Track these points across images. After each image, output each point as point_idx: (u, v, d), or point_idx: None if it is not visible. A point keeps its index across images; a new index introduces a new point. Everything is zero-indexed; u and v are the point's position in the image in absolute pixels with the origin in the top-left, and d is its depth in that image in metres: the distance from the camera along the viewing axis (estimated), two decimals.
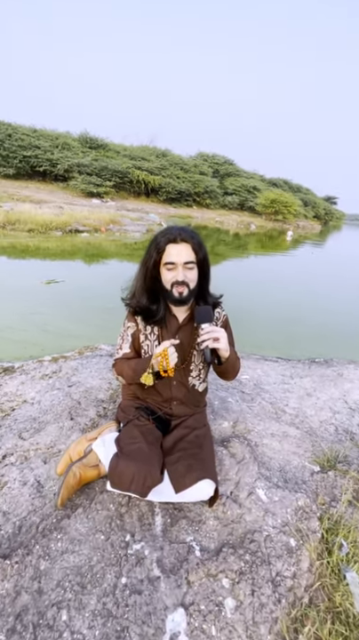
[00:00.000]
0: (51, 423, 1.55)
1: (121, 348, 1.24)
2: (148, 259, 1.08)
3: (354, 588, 1.03)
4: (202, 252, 1.08)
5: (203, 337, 1.04)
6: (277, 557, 0.99)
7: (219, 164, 29.74)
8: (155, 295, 1.14)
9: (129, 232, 10.91)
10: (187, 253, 1.05)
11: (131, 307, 1.19)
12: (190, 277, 1.07)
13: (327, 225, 41.08)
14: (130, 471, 0.98)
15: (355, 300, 6.22)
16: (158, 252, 1.06)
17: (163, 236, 1.05)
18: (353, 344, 3.89)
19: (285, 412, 1.94)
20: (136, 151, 24.79)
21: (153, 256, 1.07)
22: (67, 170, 18.48)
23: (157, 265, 1.08)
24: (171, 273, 1.06)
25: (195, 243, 1.05)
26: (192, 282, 1.08)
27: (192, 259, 1.06)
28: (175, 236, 1.03)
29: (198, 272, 1.10)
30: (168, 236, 1.04)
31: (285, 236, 17.72)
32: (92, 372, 2.10)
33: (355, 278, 8.65)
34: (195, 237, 1.06)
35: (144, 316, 1.17)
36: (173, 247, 1.04)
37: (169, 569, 0.91)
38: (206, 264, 1.12)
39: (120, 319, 1.28)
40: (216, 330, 1.05)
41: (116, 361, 1.24)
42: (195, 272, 1.09)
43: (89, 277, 5.68)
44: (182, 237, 1.03)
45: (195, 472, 1.04)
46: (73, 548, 0.94)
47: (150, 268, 1.09)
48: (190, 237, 1.04)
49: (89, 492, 1.15)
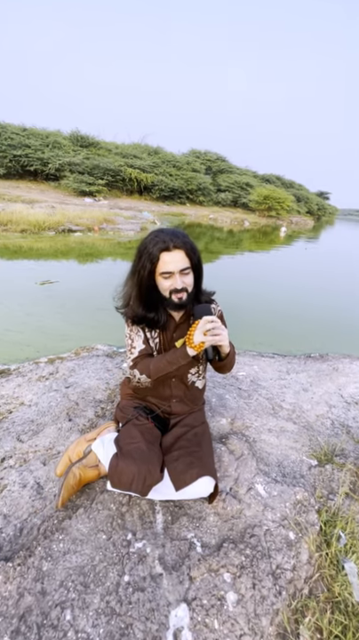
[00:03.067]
0: (49, 425, 1.55)
1: (133, 346, 1.18)
2: (141, 268, 1.05)
3: (352, 578, 1.05)
4: (196, 256, 1.07)
5: (208, 326, 1.04)
6: (277, 551, 1.00)
7: (212, 161, 29.66)
8: (151, 303, 1.11)
9: (123, 231, 10.85)
10: (182, 260, 1.03)
11: (128, 317, 1.16)
12: (188, 282, 1.07)
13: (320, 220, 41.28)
14: (130, 471, 0.99)
15: (348, 294, 6.28)
16: (152, 262, 1.03)
17: (154, 245, 1.01)
18: (348, 338, 3.94)
19: (282, 407, 1.96)
20: (128, 149, 24.60)
21: (147, 266, 1.03)
22: (58, 169, 18.29)
23: (152, 274, 1.06)
24: (169, 281, 1.05)
25: (188, 248, 1.03)
26: (190, 286, 1.08)
27: (187, 264, 1.04)
28: (168, 244, 1.00)
29: (194, 275, 1.10)
30: (160, 244, 1.00)
31: (279, 232, 17.76)
32: (89, 373, 2.10)
33: (347, 273, 8.72)
34: (188, 242, 1.04)
35: (145, 325, 1.16)
36: (167, 255, 1.01)
37: (171, 566, 0.92)
38: (200, 266, 1.11)
39: (115, 318, 1.27)
40: (218, 321, 1.05)
41: (135, 360, 1.17)
42: (192, 276, 1.08)
43: (83, 277, 5.65)
44: (175, 244, 1.00)
45: (194, 469, 1.05)
46: (75, 549, 0.95)
47: (145, 278, 1.06)
48: (183, 243, 1.02)
49: (89, 492, 1.16)
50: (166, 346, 1.21)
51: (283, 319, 4.42)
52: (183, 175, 23.21)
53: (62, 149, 19.97)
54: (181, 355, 1.08)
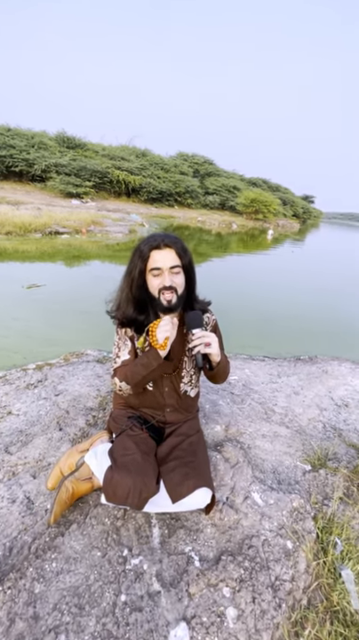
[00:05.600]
0: (38, 435, 1.50)
1: (118, 356, 1.18)
2: (133, 268, 1.07)
3: (349, 585, 1.05)
4: (186, 257, 1.07)
5: (195, 342, 1.03)
6: (275, 561, 0.99)
7: (199, 164, 29.85)
8: (141, 305, 1.11)
9: (111, 233, 10.76)
10: (172, 258, 1.04)
11: (118, 319, 1.16)
12: (177, 282, 1.06)
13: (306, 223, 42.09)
14: (125, 484, 0.96)
15: (335, 296, 6.40)
16: (142, 260, 1.04)
17: (145, 244, 1.04)
18: (335, 340, 4.00)
19: (275, 411, 1.96)
20: (115, 151, 24.47)
21: (137, 265, 1.05)
22: (44, 170, 18.02)
23: (143, 273, 1.07)
24: (158, 279, 1.05)
25: (178, 247, 1.04)
26: (179, 287, 1.07)
27: (177, 263, 1.05)
28: (158, 242, 1.02)
29: (184, 277, 1.09)
30: (151, 242, 1.03)
31: (266, 234, 18.01)
32: (80, 380, 2.05)
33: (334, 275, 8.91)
34: (179, 242, 1.05)
35: (134, 328, 1.15)
36: (157, 253, 1.03)
37: (169, 582, 0.89)
38: (192, 269, 1.12)
39: (106, 322, 1.24)
40: (207, 335, 1.04)
41: (117, 370, 1.17)
42: (182, 277, 1.08)
43: (71, 280, 5.56)
44: (165, 243, 1.02)
45: (191, 480, 1.03)
46: (68, 568, 0.91)
47: (136, 277, 1.07)
48: (173, 242, 1.03)
49: (82, 506, 1.12)
50: None
51: (272, 321, 4.46)
52: (171, 178, 23.26)
53: (48, 150, 19.71)
54: (153, 356, 1.06)
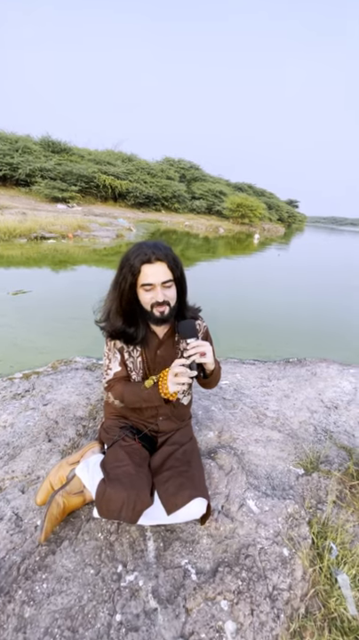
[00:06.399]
0: (26, 447, 1.45)
1: (109, 368, 1.16)
2: (122, 280, 1.03)
3: (345, 591, 1.05)
4: (178, 269, 1.05)
5: (190, 352, 1.02)
6: (272, 570, 0.98)
7: (186, 169, 30.11)
8: (131, 317, 1.09)
9: (98, 237, 10.68)
10: (164, 272, 1.01)
11: (107, 331, 1.13)
12: (170, 296, 1.04)
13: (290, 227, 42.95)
14: (119, 497, 0.93)
15: (321, 298, 6.52)
16: (133, 274, 1.01)
17: (136, 257, 0.99)
18: (323, 342, 4.06)
19: (266, 415, 1.96)
20: (101, 155, 24.42)
21: (128, 278, 1.02)
22: (28, 174, 17.79)
23: (134, 286, 1.04)
24: (150, 294, 1.03)
25: (170, 260, 1.01)
26: (172, 300, 1.06)
27: (169, 277, 1.02)
28: (149, 256, 0.98)
29: (176, 288, 1.08)
30: (141, 256, 0.98)
31: (253, 238, 18.26)
32: (69, 388, 2.00)
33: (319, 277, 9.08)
34: (170, 254, 1.02)
35: (123, 340, 1.13)
36: (149, 268, 1.00)
37: (165, 598, 0.87)
38: (183, 280, 1.10)
39: (94, 329, 1.22)
40: (202, 344, 1.03)
41: (109, 383, 1.16)
42: (174, 289, 1.06)
43: (58, 286, 5.47)
44: (157, 257, 0.99)
45: (186, 491, 1.01)
46: (60, 588, 0.87)
47: (126, 290, 1.04)
48: (164, 256, 1.00)
49: (74, 521, 1.08)
50: (149, 364, 1.17)
51: (261, 324, 4.50)
52: (158, 182, 23.35)
53: (33, 154, 19.50)
54: (156, 397, 1.09)
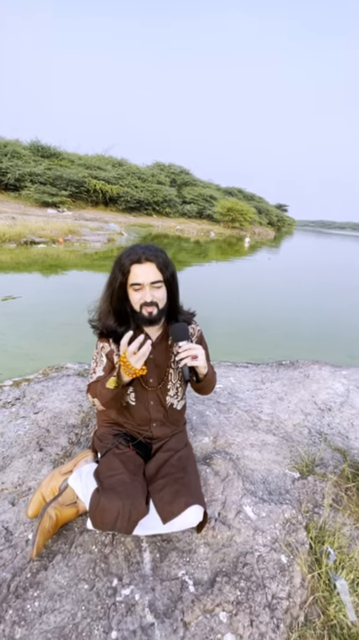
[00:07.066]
0: (17, 457, 1.41)
1: (94, 371, 1.16)
2: (113, 280, 1.05)
3: (344, 596, 1.04)
4: (168, 271, 1.05)
5: (181, 355, 1.00)
6: (271, 578, 0.96)
7: (176, 174, 30.29)
8: (122, 316, 1.10)
9: (89, 242, 10.62)
10: (153, 272, 1.01)
11: (98, 329, 1.14)
12: (158, 296, 1.04)
13: (280, 231, 43.52)
14: (113, 507, 0.90)
15: (311, 300, 6.60)
16: (123, 274, 1.02)
17: (127, 257, 1.01)
18: (315, 344, 4.10)
19: (261, 419, 1.96)
20: (91, 160, 24.38)
21: (118, 277, 1.03)
22: (18, 179, 17.64)
23: (124, 286, 1.05)
24: (139, 294, 1.03)
25: (160, 262, 1.02)
26: (161, 301, 1.05)
27: (159, 278, 1.03)
28: (139, 256, 1.00)
29: (167, 290, 1.07)
30: (132, 256, 1.00)
31: (243, 242, 18.43)
32: (60, 395, 1.96)
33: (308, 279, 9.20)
34: (160, 256, 1.03)
35: (113, 339, 1.12)
36: (138, 267, 1.01)
37: (163, 612, 0.84)
38: (174, 282, 1.09)
39: (85, 333, 1.21)
40: (193, 347, 1.02)
41: (90, 385, 1.16)
42: (164, 290, 1.06)
43: (49, 291, 5.40)
44: (146, 257, 1.00)
45: (182, 498, 0.98)
46: (53, 606, 0.83)
47: (116, 290, 1.05)
48: (155, 257, 1.01)
49: (67, 534, 1.04)
50: None
51: (253, 326, 4.52)
52: (148, 187, 23.43)
53: (22, 159, 19.36)
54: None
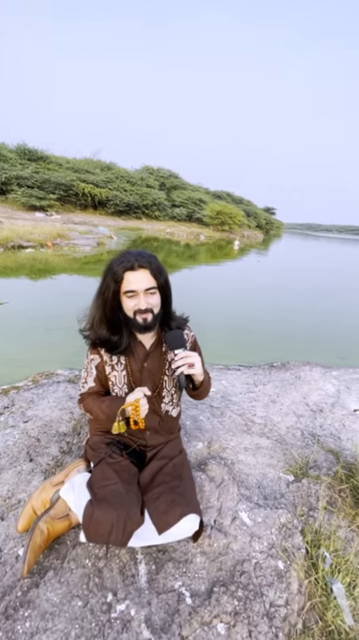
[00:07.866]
0: (6, 469, 1.36)
1: (86, 381, 1.15)
2: (106, 289, 1.03)
3: (341, 600, 1.03)
4: (162, 277, 1.04)
5: (178, 363, 0.99)
6: (268, 586, 0.95)
7: (165, 178, 30.42)
8: (115, 325, 1.07)
9: (78, 246, 10.53)
10: (147, 279, 1.00)
11: (90, 339, 1.11)
12: (153, 303, 1.03)
13: (269, 234, 44.09)
14: (107, 519, 0.87)
15: (300, 302, 6.67)
16: (116, 282, 1.01)
17: (119, 264, 0.99)
18: (305, 345, 4.14)
19: (254, 422, 1.95)
20: (80, 164, 24.27)
21: (111, 286, 1.01)
22: (4, 182, 17.43)
23: (117, 294, 1.03)
24: (133, 301, 1.02)
25: (153, 268, 1.01)
26: (155, 307, 1.04)
27: (153, 284, 1.02)
28: (132, 264, 0.98)
29: (160, 296, 1.06)
30: (124, 263, 0.99)
31: (233, 245, 18.58)
32: (51, 403, 1.92)
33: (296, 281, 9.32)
34: (154, 262, 1.02)
35: (106, 348, 1.10)
36: (132, 274, 0.99)
37: (159, 627, 0.81)
38: (168, 288, 1.09)
39: (75, 339, 1.18)
40: (190, 355, 1.01)
41: (82, 396, 1.14)
42: (158, 296, 1.05)
43: (37, 296, 5.31)
44: (140, 264, 0.99)
45: (177, 507, 0.96)
46: (45, 626, 0.80)
47: (109, 299, 1.03)
48: (148, 263, 1.00)
49: (59, 548, 1.01)
50: (135, 377, 1.14)
51: (244, 329, 4.54)
52: (138, 190, 23.45)
53: (8, 162, 19.15)
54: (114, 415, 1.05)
